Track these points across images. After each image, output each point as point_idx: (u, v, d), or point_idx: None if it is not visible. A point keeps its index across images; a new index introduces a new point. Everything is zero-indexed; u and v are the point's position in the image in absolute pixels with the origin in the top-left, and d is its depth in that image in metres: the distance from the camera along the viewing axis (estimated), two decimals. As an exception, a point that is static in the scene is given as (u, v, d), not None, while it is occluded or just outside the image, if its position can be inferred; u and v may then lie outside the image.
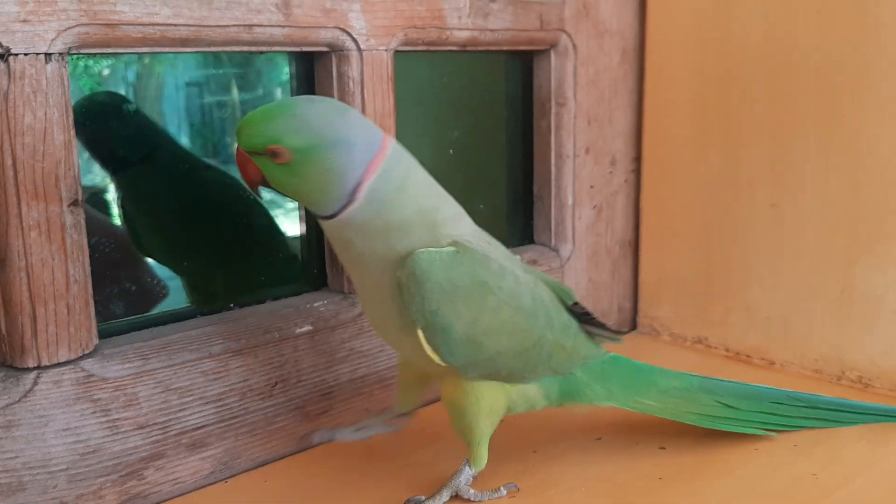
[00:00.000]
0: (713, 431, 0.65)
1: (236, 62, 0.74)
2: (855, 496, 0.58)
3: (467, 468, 0.58)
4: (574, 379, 0.61)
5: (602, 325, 0.64)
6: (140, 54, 0.63)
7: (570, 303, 0.62)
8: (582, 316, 0.63)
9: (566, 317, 0.61)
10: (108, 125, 0.67)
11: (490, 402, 0.57)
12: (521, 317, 0.56)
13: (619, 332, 0.66)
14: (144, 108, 0.72)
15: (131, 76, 0.73)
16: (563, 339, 0.59)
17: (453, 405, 0.57)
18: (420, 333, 0.53)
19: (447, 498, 0.57)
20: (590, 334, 0.63)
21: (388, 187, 0.51)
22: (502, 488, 0.59)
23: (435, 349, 0.53)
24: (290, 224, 0.75)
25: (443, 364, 0.54)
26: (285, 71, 0.73)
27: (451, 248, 0.53)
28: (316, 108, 0.51)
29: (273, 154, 0.50)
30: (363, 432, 0.64)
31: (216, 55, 0.74)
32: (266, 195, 0.60)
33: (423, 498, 0.58)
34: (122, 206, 0.71)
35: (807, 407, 0.67)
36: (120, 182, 0.70)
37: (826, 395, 0.69)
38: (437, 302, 0.52)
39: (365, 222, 0.51)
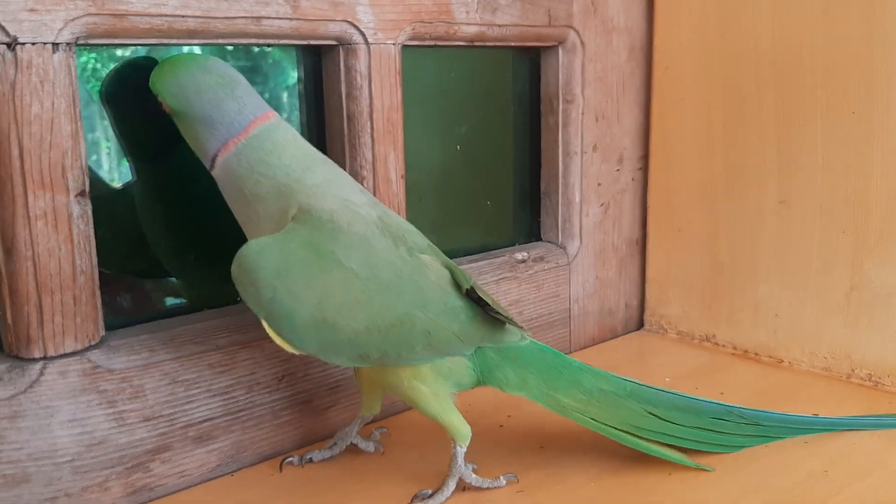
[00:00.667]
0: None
1: (244, 57, 0.74)
2: (866, 493, 0.58)
3: (457, 448, 0.57)
4: (486, 358, 0.58)
5: (503, 316, 0.57)
6: (150, 46, 0.62)
7: (466, 287, 0.56)
8: (480, 302, 0.57)
9: (456, 300, 0.56)
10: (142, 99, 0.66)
11: (408, 373, 0.56)
12: (378, 291, 0.53)
13: (521, 327, 0.60)
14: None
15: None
16: (446, 322, 0.55)
17: (385, 385, 0.57)
18: (264, 324, 0.52)
19: (454, 487, 0.57)
20: (501, 320, 0.58)
21: (241, 163, 0.54)
22: (502, 478, 0.59)
23: (282, 337, 0.52)
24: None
25: (297, 352, 0.53)
26: (292, 67, 0.73)
27: (288, 227, 0.52)
28: (198, 77, 0.54)
29: (160, 102, 0.55)
30: (338, 447, 0.63)
31: (226, 51, 0.74)
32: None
33: (431, 491, 0.57)
34: (140, 197, 0.70)
35: (749, 424, 0.62)
36: (140, 170, 0.69)
37: (773, 411, 0.64)
38: (272, 289, 0.51)
39: (226, 184, 0.55)
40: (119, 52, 0.72)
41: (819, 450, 0.63)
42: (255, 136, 0.55)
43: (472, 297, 0.57)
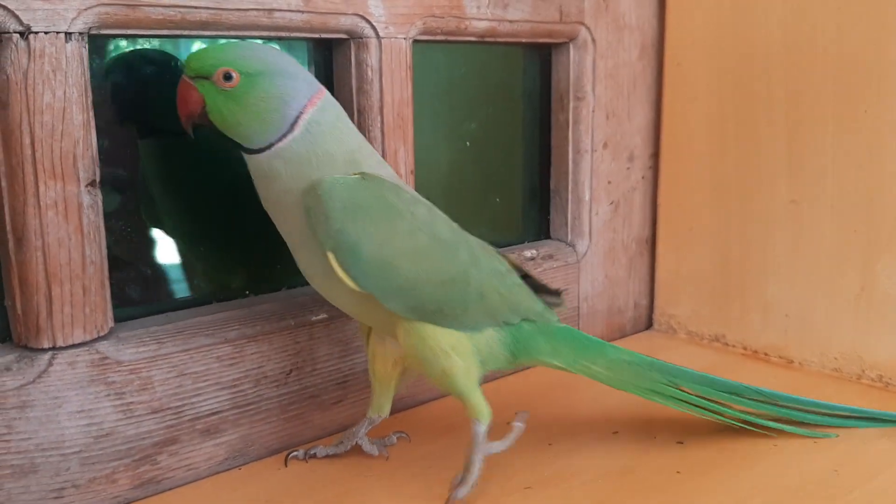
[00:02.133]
0: (729, 427, 0.65)
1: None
2: (875, 494, 0.57)
3: (479, 426, 0.57)
4: (523, 330, 0.60)
5: (543, 286, 0.64)
6: (162, 38, 0.62)
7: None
8: (524, 278, 0.62)
9: (502, 266, 0.60)
10: (152, 82, 0.66)
11: (448, 342, 0.56)
12: (439, 246, 0.56)
13: (558, 292, 0.65)
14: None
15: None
16: (497, 283, 0.58)
17: (413, 353, 0.56)
18: (330, 256, 0.52)
19: (480, 464, 0.57)
20: (551, 291, 0.64)
21: (325, 120, 0.54)
22: (516, 424, 0.60)
23: (346, 272, 0.53)
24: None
25: (358, 290, 0.53)
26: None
27: (357, 175, 0.54)
28: (263, 46, 0.58)
29: (225, 77, 0.52)
30: (343, 445, 0.63)
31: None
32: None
33: (460, 476, 0.57)
34: (148, 179, 0.69)
35: (765, 402, 0.65)
36: (149, 151, 0.69)
37: (790, 394, 0.67)
38: (342, 220, 0.52)
39: (298, 154, 0.54)
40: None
41: (829, 449, 0.63)
42: (326, 100, 0.56)
43: (517, 269, 0.62)
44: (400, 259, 0.54)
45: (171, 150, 0.67)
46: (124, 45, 0.63)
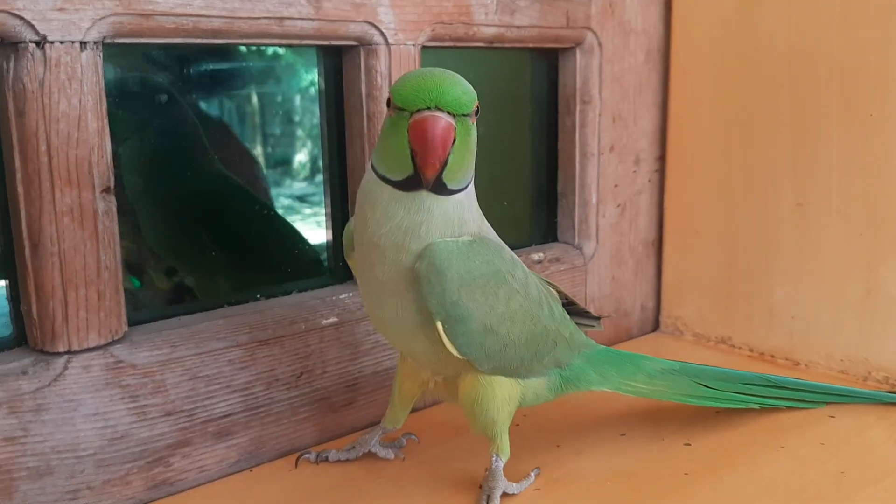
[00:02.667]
0: (737, 427, 0.66)
1: (262, 57, 0.75)
2: (883, 496, 0.58)
3: (500, 462, 0.58)
4: (573, 367, 0.61)
5: (585, 312, 0.66)
6: (175, 45, 0.63)
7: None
8: (566, 306, 0.63)
9: (560, 307, 0.61)
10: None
11: (507, 391, 0.57)
12: (530, 305, 0.56)
13: (597, 318, 0.67)
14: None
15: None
16: (562, 329, 0.59)
17: (472, 401, 0.57)
18: (439, 325, 0.52)
19: (498, 501, 0.56)
20: (592, 316, 0.67)
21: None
22: (531, 474, 0.60)
23: (452, 341, 0.53)
24: (317, 217, 0.75)
25: (459, 357, 0.54)
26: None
27: (467, 238, 0.53)
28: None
29: (477, 112, 0.51)
30: (355, 451, 0.63)
31: (246, 51, 0.74)
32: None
33: None
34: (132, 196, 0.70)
35: (776, 387, 0.69)
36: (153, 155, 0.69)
37: (797, 379, 0.72)
38: (458, 292, 0.51)
39: (461, 203, 0.52)
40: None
41: (836, 451, 0.63)
42: None
43: (564, 300, 0.63)
44: (500, 324, 0.54)
45: (189, 154, 0.68)
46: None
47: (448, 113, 0.48)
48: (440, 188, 0.51)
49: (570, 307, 0.64)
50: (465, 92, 0.50)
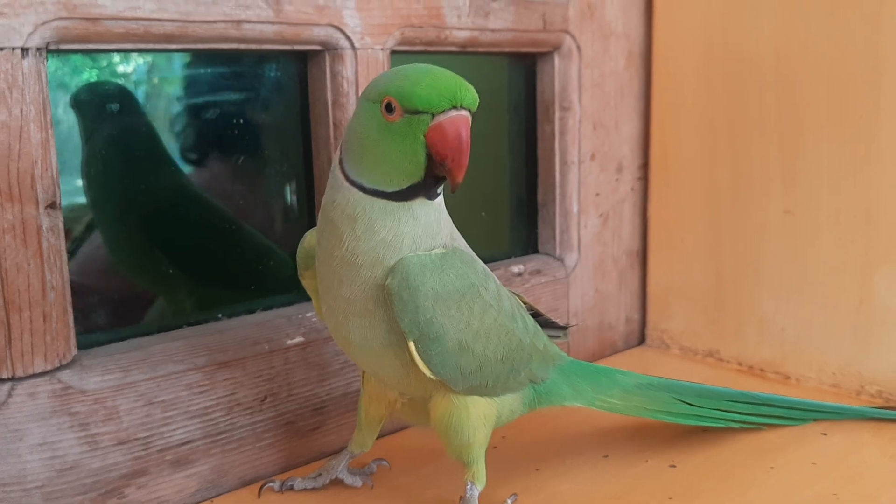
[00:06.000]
0: (725, 447, 0.63)
1: (224, 62, 0.71)
2: (878, 517, 0.55)
3: (475, 490, 0.54)
4: (548, 382, 0.59)
5: (551, 322, 0.63)
6: (126, 51, 0.60)
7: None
8: (535, 317, 0.60)
9: (531, 318, 0.58)
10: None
11: (482, 411, 0.53)
12: (504, 319, 0.53)
13: (564, 328, 0.64)
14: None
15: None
16: (536, 341, 0.56)
17: (446, 424, 0.53)
18: (412, 346, 0.49)
19: None
20: (561, 327, 0.64)
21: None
22: (508, 501, 0.56)
23: (426, 362, 0.49)
24: (283, 232, 0.72)
25: (432, 378, 0.50)
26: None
27: (439, 251, 0.49)
28: None
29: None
30: (321, 479, 0.59)
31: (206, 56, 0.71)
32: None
33: None
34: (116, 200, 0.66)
35: (762, 404, 0.67)
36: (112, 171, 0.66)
37: (784, 396, 0.69)
38: (433, 309, 0.48)
39: (436, 210, 0.50)
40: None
41: (828, 472, 0.61)
42: None
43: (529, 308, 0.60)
44: (475, 341, 0.51)
45: (142, 171, 0.65)
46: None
47: (469, 111, 0.47)
48: (434, 192, 0.49)
49: (536, 318, 0.60)
50: (468, 87, 0.48)
